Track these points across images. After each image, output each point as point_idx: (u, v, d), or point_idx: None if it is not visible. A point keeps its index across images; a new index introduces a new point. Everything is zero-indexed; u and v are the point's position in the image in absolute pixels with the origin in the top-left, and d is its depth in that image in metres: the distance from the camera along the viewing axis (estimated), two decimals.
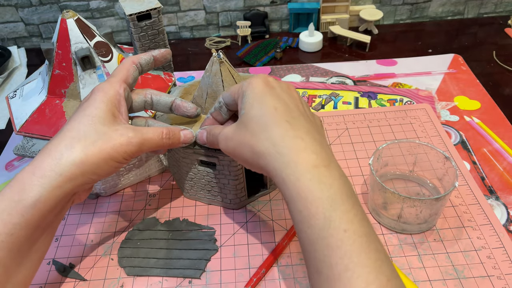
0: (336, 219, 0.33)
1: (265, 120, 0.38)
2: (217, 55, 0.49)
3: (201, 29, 0.94)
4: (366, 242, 0.33)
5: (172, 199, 0.57)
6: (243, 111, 0.40)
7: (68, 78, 0.51)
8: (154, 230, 0.53)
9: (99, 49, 0.52)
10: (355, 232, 0.33)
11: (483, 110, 0.69)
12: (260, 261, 0.49)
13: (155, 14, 0.54)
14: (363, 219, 0.35)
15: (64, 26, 0.49)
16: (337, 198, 0.34)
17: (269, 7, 0.91)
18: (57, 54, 0.50)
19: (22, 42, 0.94)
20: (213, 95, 0.50)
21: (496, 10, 0.96)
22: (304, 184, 0.35)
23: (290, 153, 0.36)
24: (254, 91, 0.40)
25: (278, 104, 0.39)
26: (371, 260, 0.32)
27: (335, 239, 0.33)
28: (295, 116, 0.39)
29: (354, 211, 0.34)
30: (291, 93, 0.42)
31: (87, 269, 0.50)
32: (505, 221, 0.52)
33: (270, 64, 0.83)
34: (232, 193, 0.53)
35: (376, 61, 0.82)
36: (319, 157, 0.36)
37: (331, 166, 0.36)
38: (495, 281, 0.46)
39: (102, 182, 0.55)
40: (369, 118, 0.67)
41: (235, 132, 0.41)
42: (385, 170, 0.56)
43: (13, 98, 0.56)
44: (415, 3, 0.93)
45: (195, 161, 0.52)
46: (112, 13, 0.91)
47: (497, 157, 0.60)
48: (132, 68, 0.46)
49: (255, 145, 0.38)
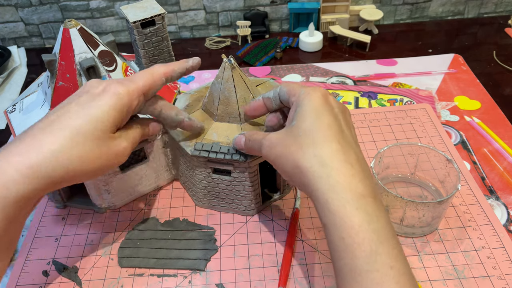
0: (383, 254, 0.33)
1: (317, 136, 0.37)
2: (228, 61, 0.48)
3: (201, 29, 0.94)
4: (408, 281, 0.33)
5: (172, 199, 0.57)
6: (295, 122, 0.39)
7: (72, 89, 0.49)
8: (154, 230, 0.53)
9: (103, 59, 0.50)
10: (399, 270, 0.33)
11: (483, 110, 0.69)
12: (260, 261, 0.49)
13: (159, 21, 0.53)
14: (405, 257, 0.34)
15: (67, 36, 0.48)
16: (384, 232, 0.34)
17: (269, 7, 0.91)
18: (60, 65, 0.48)
19: (22, 42, 0.94)
20: (226, 101, 0.49)
21: (496, 10, 0.96)
22: (351, 212, 0.34)
23: (338, 177, 0.35)
24: (311, 104, 0.38)
25: (333, 123, 0.37)
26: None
27: (381, 274, 0.32)
28: (347, 140, 0.37)
29: (399, 247, 0.34)
30: (346, 116, 0.40)
31: (87, 269, 0.50)
32: (505, 221, 0.52)
33: (270, 64, 0.83)
34: (247, 200, 0.52)
35: (376, 61, 0.82)
36: (367, 188, 0.35)
37: (377, 199, 0.35)
38: (495, 281, 0.46)
39: (111, 195, 0.54)
40: (369, 118, 0.67)
41: (281, 140, 0.39)
42: (386, 173, 0.56)
43: (13, 112, 0.54)
44: (415, 3, 0.93)
45: (208, 169, 0.51)
46: (112, 13, 0.90)
47: (497, 157, 0.60)
48: (160, 81, 0.43)
49: (300, 159, 0.37)
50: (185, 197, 0.57)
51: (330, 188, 0.35)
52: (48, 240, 0.53)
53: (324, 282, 0.47)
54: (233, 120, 0.50)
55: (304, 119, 0.38)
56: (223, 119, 0.50)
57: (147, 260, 0.50)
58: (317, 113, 0.38)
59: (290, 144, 0.38)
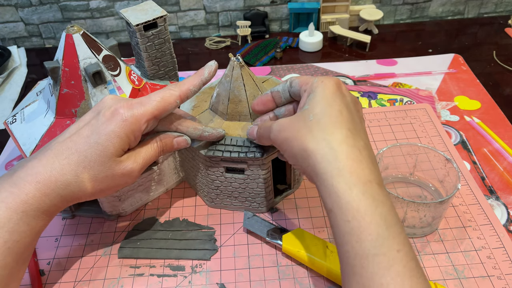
0: (390, 238, 0.33)
1: (328, 121, 0.37)
2: (237, 59, 0.48)
3: (201, 29, 0.94)
4: (416, 267, 0.33)
5: (172, 199, 0.57)
6: (307, 106, 0.39)
7: (78, 96, 0.48)
8: (154, 230, 0.53)
9: (108, 63, 0.49)
10: (407, 254, 0.33)
11: (483, 110, 0.69)
12: (260, 261, 0.49)
13: (161, 23, 0.53)
14: (410, 244, 0.34)
15: (70, 42, 0.47)
16: (390, 217, 0.34)
17: (269, 7, 0.91)
18: (64, 72, 0.48)
19: (22, 42, 0.94)
20: (236, 100, 0.49)
21: (496, 10, 0.96)
22: (358, 196, 0.34)
23: (346, 161, 0.35)
24: (325, 91, 0.39)
25: (345, 110, 0.38)
26: (421, 286, 0.32)
27: (388, 258, 0.32)
28: (357, 127, 0.38)
29: (404, 234, 0.34)
30: (358, 106, 0.41)
31: (87, 269, 0.50)
32: (505, 221, 0.52)
33: (270, 64, 0.83)
34: (261, 197, 0.52)
35: (376, 61, 0.82)
36: (373, 173, 0.35)
37: (382, 186, 0.36)
38: (495, 281, 0.46)
39: (122, 202, 0.54)
40: (369, 118, 0.67)
41: (291, 123, 0.40)
42: (386, 174, 0.56)
43: (14, 123, 0.53)
44: (415, 3, 0.93)
45: (221, 169, 0.51)
46: (112, 13, 0.90)
47: (497, 157, 0.60)
48: (174, 104, 0.43)
49: (309, 141, 0.37)
50: (185, 197, 0.57)
51: (337, 172, 0.35)
52: (48, 240, 0.53)
53: (324, 282, 0.47)
54: (244, 119, 0.50)
55: (316, 104, 0.38)
56: (233, 118, 0.50)
57: (147, 260, 0.50)
58: (330, 99, 0.38)
59: (300, 127, 0.38)
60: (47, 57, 0.90)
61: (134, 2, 0.89)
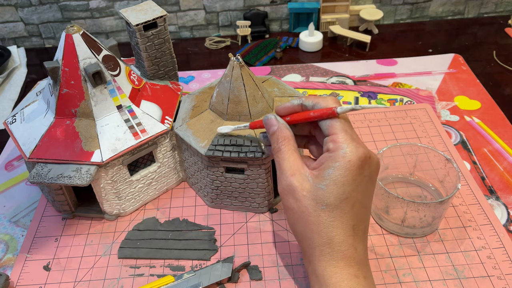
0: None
1: (337, 214, 0.38)
2: (236, 59, 0.48)
3: (201, 28, 0.94)
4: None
5: (172, 199, 0.57)
6: (323, 186, 0.38)
7: (78, 96, 0.49)
8: (154, 230, 0.53)
9: (107, 63, 0.49)
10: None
11: (483, 110, 0.69)
12: (260, 261, 0.49)
13: (161, 22, 0.53)
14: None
15: (70, 42, 0.47)
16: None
17: (269, 7, 0.91)
18: (64, 72, 0.48)
19: (21, 42, 0.94)
20: (235, 100, 0.49)
21: (497, 10, 0.96)
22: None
23: (339, 258, 0.38)
24: (347, 174, 0.38)
25: (357, 204, 0.39)
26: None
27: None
28: (361, 218, 0.40)
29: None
30: (374, 177, 0.41)
31: (87, 269, 0.50)
32: (505, 221, 0.52)
33: (270, 64, 0.83)
34: (261, 197, 0.52)
35: (376, 61, 0.82)
36: (361, 268, 0.39)
37: (368, 276, 0.39)
38: (495, 281, 0.46)
39: (122, 201, 0.53)
40: (369, 118, 0.67)
41: (301, 195, 0.39)
42: (386, 174, 0.56)
43: (14, 123, 0.52)
44: (415, 3, 0.93)
45: (221, 169, 0.51)
46: (112, 13, 0.90)
47: (497, 157, 0.60)
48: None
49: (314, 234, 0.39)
50: (185, 197, 0.57)
51: (327, 264, 0.39)
52: (48, 240, 0.53)
53: None
54: (244, 119, 0.50)
55: (333, 190, 0.38)
56: (233, 118, 0.50)
57: (147, 260, 0.50)
58: (348, 187, 0.38)
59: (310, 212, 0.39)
60: (47, 57, 0.90)
61: (134, 2, 0.89)
